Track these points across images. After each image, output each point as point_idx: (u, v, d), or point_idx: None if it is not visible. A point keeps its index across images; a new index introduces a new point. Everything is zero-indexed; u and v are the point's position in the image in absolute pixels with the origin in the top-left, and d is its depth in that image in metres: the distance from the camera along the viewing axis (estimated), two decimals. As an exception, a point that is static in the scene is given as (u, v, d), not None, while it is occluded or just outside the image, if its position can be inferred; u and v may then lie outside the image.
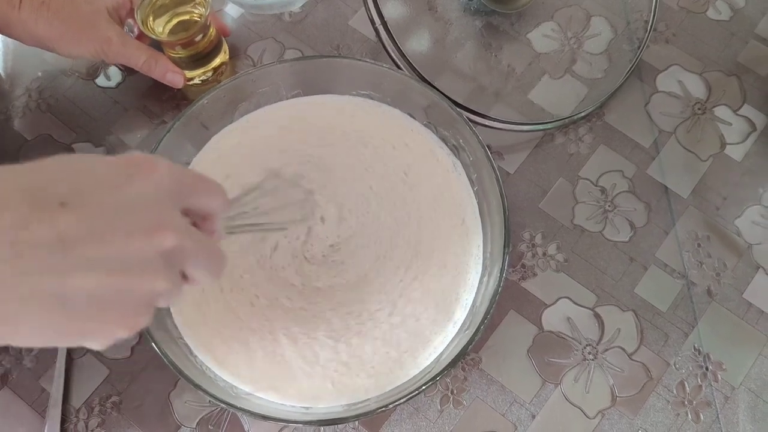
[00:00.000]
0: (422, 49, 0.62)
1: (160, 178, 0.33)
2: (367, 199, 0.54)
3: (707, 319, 0.55)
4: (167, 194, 0.33)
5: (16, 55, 0.63)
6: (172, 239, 0.32)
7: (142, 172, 0.33)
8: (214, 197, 0.36)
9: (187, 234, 0.33)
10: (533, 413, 0.53)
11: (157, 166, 0.33)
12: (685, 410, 0.53)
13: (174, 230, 0.32)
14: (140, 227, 0.31)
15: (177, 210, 0.34)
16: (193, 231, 0.35)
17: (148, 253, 0.31)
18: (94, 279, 0.30)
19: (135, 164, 0.33)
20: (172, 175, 0.34)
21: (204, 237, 0.36)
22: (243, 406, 0.45)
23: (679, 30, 0.64)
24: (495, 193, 0.49)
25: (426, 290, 0.52)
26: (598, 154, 0.60)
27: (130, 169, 0.33)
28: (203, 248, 0.35)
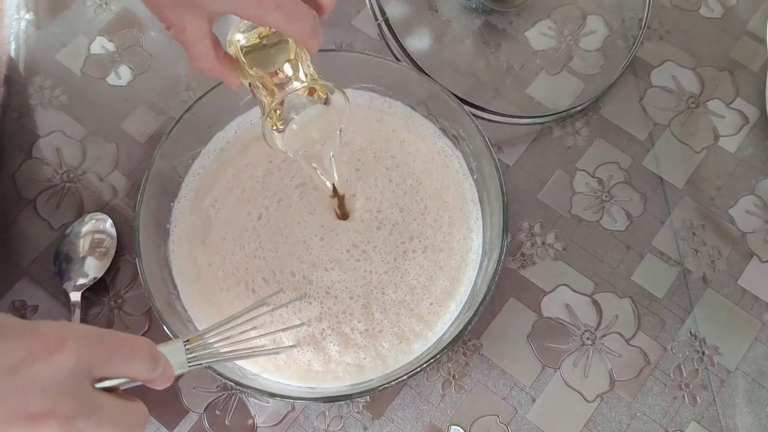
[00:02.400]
0: (423, 46, 0.64)
1: (63, 359, 0.32)
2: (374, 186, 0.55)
3: (703, 305, 0.57)
4: (69, 374, 0.32)
5: (29, 55, 0.65)
6: (54, 428, 0.31)
7: (44, 355, 0.32)
8: (135, 362, 0.35)
9: (82, 415, 0.32)
10: (533, 397, 0.54)
11: (63, 343, 0.32)
12: (682, 394, 0.54)
13: (61, 417, 0.31)
14: (24, 415, 0.31)
15: (82, 387, 0.33)
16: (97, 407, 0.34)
17: None
18: None
19: (40, 343, 0.32)
20: (79, 353, 0.32)
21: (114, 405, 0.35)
22: (251, 385, 0.46)
23: (673, 27, 0.65)
24: (494, 180, 0.51)
25: (428, 275, 0.53)
26: (595, 147, 0.61)
27: (34, 347, 0.32)
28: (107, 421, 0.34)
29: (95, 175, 0.61)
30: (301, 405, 0.54)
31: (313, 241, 0.54)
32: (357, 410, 0.54)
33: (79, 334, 0.33)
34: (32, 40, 0.65)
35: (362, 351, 0.51)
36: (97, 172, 0.61)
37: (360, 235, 0.54)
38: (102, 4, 0.66)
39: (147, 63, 0.64)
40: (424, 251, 0.54)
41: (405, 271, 0.53)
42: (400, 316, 0.52)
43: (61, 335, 0.32)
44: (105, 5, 0.66)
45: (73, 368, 0.32)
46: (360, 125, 0.57)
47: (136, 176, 0.60)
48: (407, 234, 0.54)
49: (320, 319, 0.52)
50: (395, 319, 0.52)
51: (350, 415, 0.54)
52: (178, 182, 0.56)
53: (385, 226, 0.54)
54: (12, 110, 0.63)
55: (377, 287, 0.53)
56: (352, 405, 0.54)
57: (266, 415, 0.54)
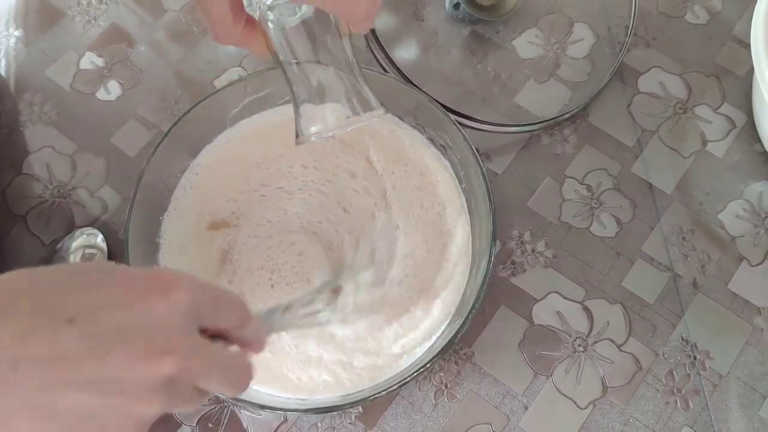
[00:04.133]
0: (410, 56, 0.65)
1: (177, 300, 0.32)
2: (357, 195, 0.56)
3: (694, 310, 0.57)
4: (182, 316, 0.33)
5: (19, 71, 0.65)
6: (172, 365, 0.31)
7: (160, 292, 0.32)
8: (233, 313, 0.36)
9: (197, 355, 0.33)
10: (526, 405, 0.54)
11: (177, 286, 0.33)
12: (675, 399, 0.54)
13: (178, 355, 0.32)
14: (143, 351, 0.31)
15: (192, 330, 0.34)
16: (209, 350, 0.34)
17: (146, 378, 0.31)
18: (82, 398, 0.30)
19: (155, 283, 0.33)
20: (192, 295, 0.33)
21: (224, 355, 0.35)
22: (242, 397, 0.46)
23: (659, 34, 0.66)
24: (481, 188, 0.51)
25: (417, 283, 0.53)
26: (584, 154, 0.62)
27: (149, 287, 0.32)
28: (218, 367, 0.34)
29: (85, 190, 0.61)
30: (294, 417, 0.54)
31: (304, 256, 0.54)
32: (349, 421, 0.54)
33: (189, 277, 0.33)
34: (21, 56, 0.66)
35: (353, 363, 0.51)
36: (87, 187, 0.61)
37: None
38: (91, 19, 0.67)
39: (136, 77, 0.65)
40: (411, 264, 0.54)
41: (393, 282, 0.53)
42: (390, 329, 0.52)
43: (175, 276, 0.33)
44: (94, 21, 0.67)
45: (186, 309, 0.33)
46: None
47: (126, 190, 0.60)
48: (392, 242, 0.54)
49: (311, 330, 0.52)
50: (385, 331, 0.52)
51: (343, 426, 0.54)
52: (167, 196, 0.56)
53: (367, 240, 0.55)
54: (2, 126, 0.63)
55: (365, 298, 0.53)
56: (344, 416, 0.54)
57: (259, 427, 0.53)
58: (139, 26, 0.67)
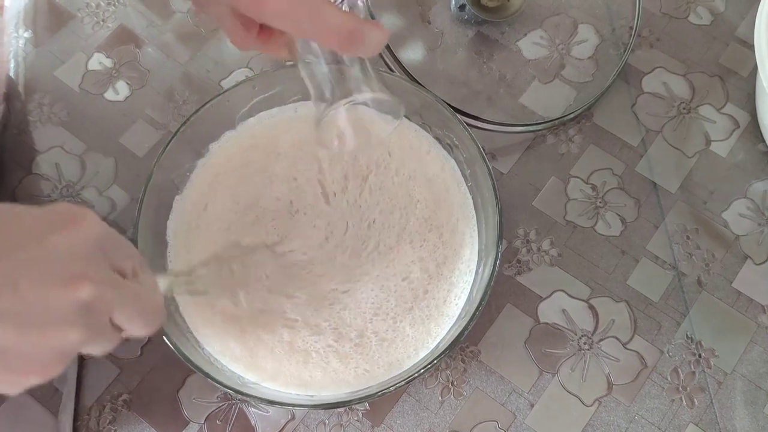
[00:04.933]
0: (417, 57, 0.65)
1: (86, 230, 0.33)
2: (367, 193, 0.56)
3: (698, 308, 0.57)
4: (93, 246, 0.33)
5: (28, 72, 0.65)
6: (88, 291, 0.31)
7: (68, 223, 0.32)
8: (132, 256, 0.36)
9: (111, 284, 0.33)
10: (532, 402, 0.55)
11: (84, 218, 0.33)
12: (680, 396, 0.55)
13: (93, 281, 0.32)
14: (57, 278, 0.31)
15: (103, 261, 0.34)
16: (121, 281, 0.34)
17: (62, 305, 0.31)
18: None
19: (62, 216, 0.33)
20: (99, 227, 0.33)
21: (135, 287, 0.35)
22: (250, 393, 0.47)
23: (663, 35, 0.66)
24: (488, 187, 0.51)
25: (423, 283, 0.54)
26: (588, 154, 0.62)
27: (57, 220, 0.32)
28: (131, 299, 0.34)
29: (94, 189, 0.61)
30: (301, 414, 0.54)
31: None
32: (357, 418, 0.54)
33: (94, 216, 0.34)
34: (31, 57, 0.66)
35: (361, 361, 0.51)
36: (96, 186, 0.61)
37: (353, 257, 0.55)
38: (99, 21, 0.67)
39: (144, 78, 0.65)
40: (418, 262, 0.54)
41: (401, 281, 0.54)
42: (398, 326, 0.52)
43: (81, 208, 0.34)
44: (102, 22, 0.67)
45: (96, 238, 0.33)
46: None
47: (134, 190, 0.61)
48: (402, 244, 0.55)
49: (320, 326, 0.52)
50: (393, 329, 0.52)
51: (350, 423, 0.54)
52: (176, 194, 0.56)
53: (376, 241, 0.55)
54: (11, 127, 0.63)
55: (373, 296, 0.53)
56: (351, 413, 0.54)
57: (267, 424, 0.54)
58: (147, 27, 0.67)
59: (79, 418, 0.54)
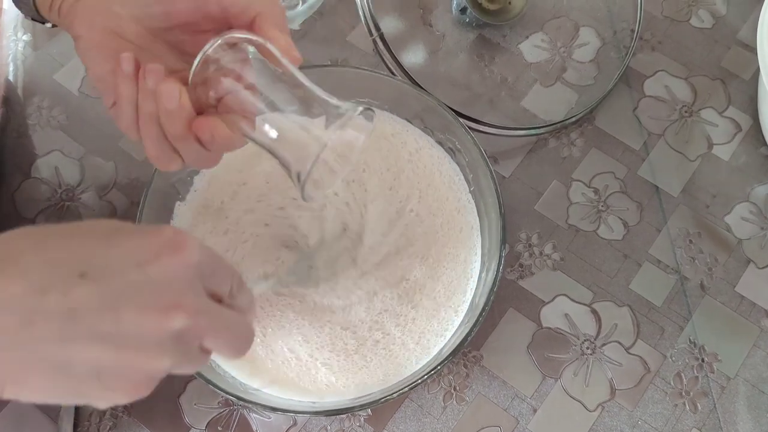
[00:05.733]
0: (418, 60, 0.65)
1: (186, 259, 0.33)
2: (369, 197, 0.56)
3: (701, 312, 0.57)
4: (191, 273, 0.34)
5: (27, 75, 0.65)
6: (183, 319, 0.32)
7: (170, 250, 0.33)
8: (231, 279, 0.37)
9: (204, 313, 0.34)
10: (534, 407, 0.54)
11: (186, 245, 0.34)
12: (683, 401, 0.54)
13: (188, 310, 0.33)
14: (154, 305, 0.32)
15: (200, 288, 0.34)
16: (215, 309, 0.35)
17: (157, 332, 0.32)
18: (97, 351, 0.31)
19: (165, 241, 0.34)
20: (200, 255, 0.34)
21: (229, 315, 0.36)
22: (252, 399, 0.46)
23: (664, 38, 0.66)
24: (491, 191, 0.51)
25: (427, 288, 0.53)
26: (590, 157, 0.62)
27: (160, 245, 0.33)
28: (224, 326, 0.35)
29: (94, 193, 0.61)
30: (303, 419, 0.54)
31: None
32: (359, 424, 0.54)
33: (196, 238, 0.35)
34: (30, 60, 0.66)
35: (363, 367, 0.51)
36: (95, 190, 0.61)
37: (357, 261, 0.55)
38: (99, 24, 0.67)
39: (144, 82, 0.65)
40: (421, 269, 0.54)
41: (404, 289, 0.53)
42: (400, 332, 0.52)
43: (184, 236, 0.34)
44: (102, 25, 0.67)
45: (195, 267, 0.34)
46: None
47: (134, 194, 0.61)
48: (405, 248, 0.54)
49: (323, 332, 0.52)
50: (395, 335, 0.52)
51: (352, 428, 0.54)
52: (177, 199, 0.56)
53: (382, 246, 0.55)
54: (11, 131, 0.63)
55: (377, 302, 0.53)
56: (354, 419, 0.54)
57: (268, 430, 0.54)
58: (146, 30, 0.67)
59: (80, 425, 0.54)
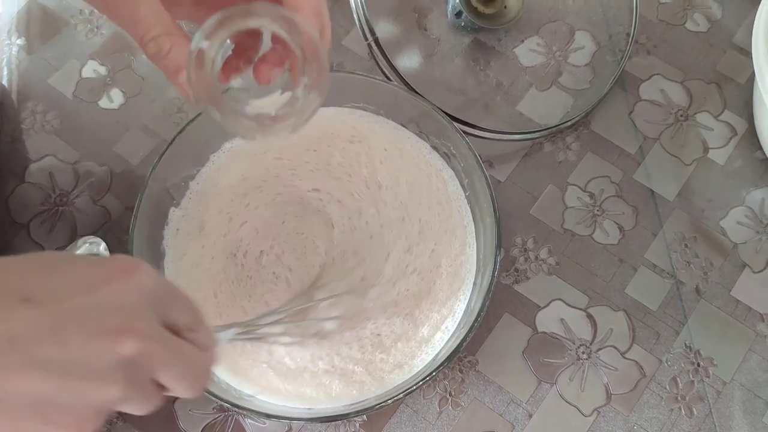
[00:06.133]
0: (413, 65, 0.65)
1: (138, 283, 0.32)
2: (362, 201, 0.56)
3: (697, 316, 0.57)
4: (144, 299, 0.32)
5: (21, 80, 0.65)
6: (133, 344, 0.30)
7: (121, 275, 0.32)
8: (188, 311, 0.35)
9: (157, 340, 0.32)
10: (530, 412, 0.54)
11: (138, 269, 0.32)
12: (679, 406, 0.54)
13: (139, 335, 0.31)
14: (103, 330, 0.30)
15: (152, 315, 0.33)
16: (169, 338, 0.33)
17: (104, 358, 0.30)
18: (38, 381, 0.29)
19: (115, 267, 0.32)
20: (153, 280, 0.33)
21: (184, 346, 0.34)
22: (247, 406, 0.46)
23: (660, 42, 0.66)
24: (485, 196, 0.51)
25: (423, 294, 0.53)
26: (586, 161, 0.62)
27: (111, 270, 0.32)
28: (178, 358, 0.33)
29: (88, 198, 0.61)
30: (298, 426, 0.54)
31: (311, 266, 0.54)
32: (354, 429, 0.54)
33: (148, 265, 0.33)
34: (24, 65, 0.66)
35: (359, 373, 0.51)
36: (90, 195, 0.61)
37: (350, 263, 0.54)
38: (93, 28, 0.67)
39: (139, 86, 0.65)
40: (416, 273, 0.54)
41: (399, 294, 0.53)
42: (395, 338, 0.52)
43: (137, 262, 0.33)
44: (96, 29, 0.67)
45: (147, 293, 0.32)
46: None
47: (129, 199, 0.60)
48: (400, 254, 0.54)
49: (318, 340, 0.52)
50: (390, 341, 0.52)
51: (347, 434, 0.54)
52: (171, 205, 0.56)
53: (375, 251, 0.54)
54: (4, 135, 0.63)
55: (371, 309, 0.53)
56: (349, 425, 0.54)
57: (263, 436, 0.53)
58: (141, 35, 0.67)
59: (74, 431, 0.54)
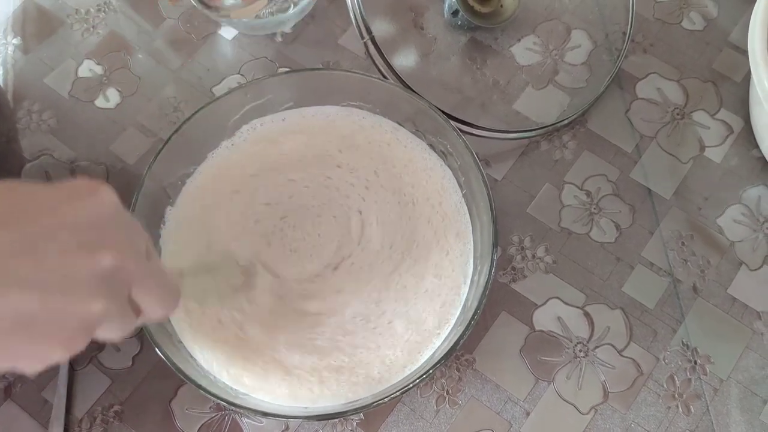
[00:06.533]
0: (410, 63, 0.65)
1: (102, 201, 0.33)
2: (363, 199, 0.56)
3: (694, 314, 0.57)
4: (110, 216, 0.33)
5: (17, 79, 0.65)
6: (111, 258, 0.31)
7: (86, 194, 0.32)
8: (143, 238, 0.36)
9: (132, 256, 0.32)
10: (527, 411, 0.54)
11: (99, 190, 0.33)
12: (676, 403, 0.54)
13: (115, 250, 0.31)
14: (78, 245, 0.31)
15: (120, 233, 0.33)
16: (141, 255, 0.34)
17: (85, 272, 0.30)
18: (22, 296, 0.29)
19: (78, 188, 0.33)
20: (115, 200, 0.33)
21: (154, 265, 0.34)
22: (243, 404, 0.46)
23: (656, 40, 0.66)
24: (482, 194, 0.51)
25: (420, 292, 0.53)
26: (582, 160, 0.62)
27: (73, 193, 0.32)
28: (152, 274, 0.34)
29: (85, 197, 0.60)
30: (295, 424, 0.53)
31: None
32: (351, 428, 0.53)
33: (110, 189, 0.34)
34: (20, 64, 0.65)
35: (355, 372, 0.51)
36: (86, 194, 0.61)
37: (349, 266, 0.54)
38: (89, 27, 0.67)
39: (135, 85, 0.65)
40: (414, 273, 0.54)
41: (397, 293, 0.53)
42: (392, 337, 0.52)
43: (97, 183, 0.33)
44: (92, 29, 0.67)
45: (111, 212, 0.33)
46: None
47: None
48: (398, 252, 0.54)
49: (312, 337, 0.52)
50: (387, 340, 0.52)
51: (344, 433, 0.53)
52: (167, 204, 0.56)
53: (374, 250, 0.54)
54: (0, 135, 0.63)
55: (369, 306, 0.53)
56: (346, 423, 0.54)
57: (260, 435, 0.53)
58: (137, 34, 0.67)
59: (70, 430, 0.53)
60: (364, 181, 0.56)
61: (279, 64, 0.65)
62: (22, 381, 0.55)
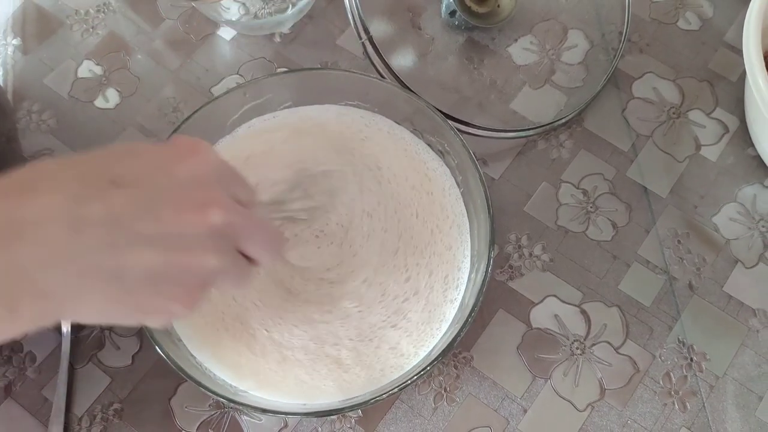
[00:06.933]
0: (407, 63, 0.65)
1: (207, 158, 0.35)
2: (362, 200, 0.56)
3: (689, 312, 0.57)
4: (214, 174, 0.35)
5: (17, 80, 0.65)
6: (220, 215, 0.33)
7: (189, 154, 0.34)
8: (246, 186, 0.38)
9: (236, 212, 0.34)
10: (525, 408, 0.55)
11: (201, 148, 0.35)
12: (672, 400, 0.55)
13: (222, 207, 0.33)
14: (190, 204, 0.33)
15: (225, 189, 0.35)
16: (243, 210, 0.36)
17: (197, 229, 0.32)
18: (148, 254, 0.31)
19: (181, 147, 0.35)
20: (217, 157, 0.35)
21: (255, 216, 0.37)
22: (243, 401, 0.46)
23: (652, 40, 0.67)
24: (479, 193, 0.51)
25: (418, 289, 0.53)
26: (579, 159, 0.62)
27: (177, 150, 0.34)
28: (256, 225, 0.36)
29: (84, 197, 0.61)
30: (294, 422, 0.54)
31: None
32: (349, 425, 0.54)
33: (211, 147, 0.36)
34: (20, 65, 0.66)
35: (354, 369, 0.51)
36: (86, 194, 0.61)
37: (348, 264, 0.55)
38: (89, 28, 0.67)
39: (134, 85, 0.65)
40: (413, 270, 0.54)
41: (396, 290, 0.53)
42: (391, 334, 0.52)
43: (199, 141, 0.35)
44: (92, 29, 0.67)
45: (216, 168, 0.35)
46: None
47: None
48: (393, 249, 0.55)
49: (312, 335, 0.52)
50: (386, 337, 0.52)
51: (343, 430, 0.54)
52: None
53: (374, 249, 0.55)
54: (0, 135, 0.63)
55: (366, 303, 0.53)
56: (344, 420, 0.54)
57: (259, 432, 0.54)
58: (136, 35, 0.67)
59: (70, 428, 0.54)
60: (361, 179, 0.56)
61: (277, 65, 0.66)
62: (22, 380, 0.55)
